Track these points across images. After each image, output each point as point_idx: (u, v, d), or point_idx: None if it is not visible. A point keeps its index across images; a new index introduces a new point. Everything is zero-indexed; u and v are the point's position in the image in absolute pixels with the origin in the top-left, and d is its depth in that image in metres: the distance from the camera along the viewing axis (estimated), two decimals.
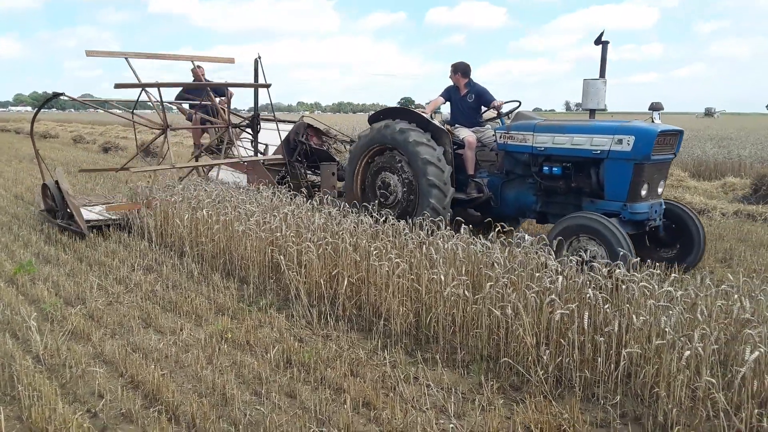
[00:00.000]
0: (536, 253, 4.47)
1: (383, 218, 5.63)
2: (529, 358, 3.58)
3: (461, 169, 6.88)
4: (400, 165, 6.83)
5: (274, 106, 9.73)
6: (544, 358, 3.48)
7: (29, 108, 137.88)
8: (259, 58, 9.02)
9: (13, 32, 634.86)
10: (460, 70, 7.29)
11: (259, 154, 9.34)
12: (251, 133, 9.42)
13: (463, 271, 4.36)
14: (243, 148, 9.49)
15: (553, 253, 4.51)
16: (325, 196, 6.60)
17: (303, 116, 10.28)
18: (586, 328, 3.46)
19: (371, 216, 5.75)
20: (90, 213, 7.57)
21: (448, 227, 5.46)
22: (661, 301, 3.57)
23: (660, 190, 5.84)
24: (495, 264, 4.29)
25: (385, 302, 4.46)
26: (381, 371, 3.72)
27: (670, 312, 3.45)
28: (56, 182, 7.26)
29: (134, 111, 8.48)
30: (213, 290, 5.18)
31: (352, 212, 6.01)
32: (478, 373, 3.69)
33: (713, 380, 3.01)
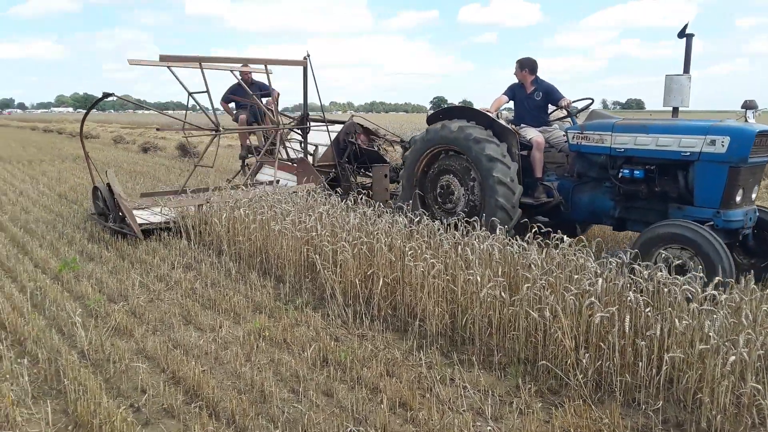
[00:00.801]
0: (575, 254, 4.41)
1: (417, 218, 5.62)
2: (568, 361, 3.54)
3: (528, 171, 6.43)
4: (462, 167, 6.48)
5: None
6: (584, 361, 3.43)
7: (70, 109, 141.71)
8: (308, 56, 8.77)
9: (53, 34, 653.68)
10: (527, 66, 6.89)
11: (308, 156, 9.12)
12: (301, 133, 9.21)
13: (500, 273, 4.32)
14: (291, 150, 9.24)
15: (592, 255, 4.38)
16: (367, 200, 6.43)
17: (353, 115, 9.93)
18: (627, 331, 3.40)
19: (408, 219, 5.71)
20: (141, 216, 7.46)
21: (513, 232, 5.11)
22: (704, 305, 3.49)
23: (753, 195, 5.44)
24: (532, 265, 4.25)
25: (420, 303, 4.46)
26: (417, 372, 3.73)
27: (714, 316, 3.37)
28: (107, 185, 7.22)
29: (185, 113, 8.38)
30: (250, 288, 5.25)
31: (386, 212, 5.99)
32: (516, 376, 3.66)
33: (759, 386, 2.94)
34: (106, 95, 7.36)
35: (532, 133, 6.57)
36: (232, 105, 10.18)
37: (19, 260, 6.07)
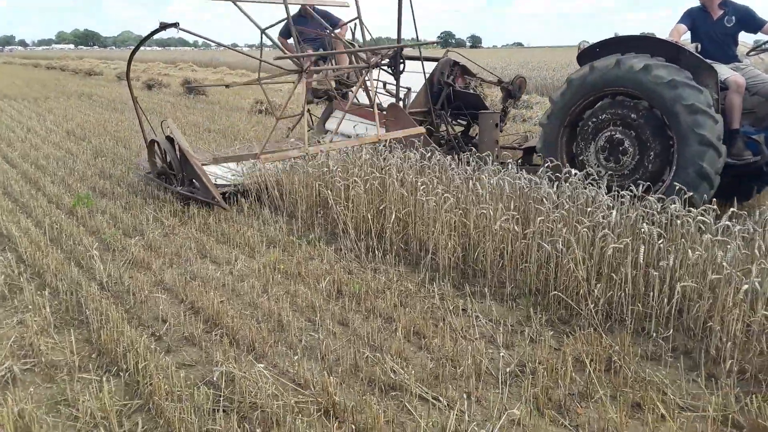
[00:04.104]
0: (585, 188, 4.41)
1: (430, 154, 5.57)
2: (580, 291, 3.59)
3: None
4: (641, 116, 5.04)
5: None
6: (595, 291, 3.48)
7: (71, 45, 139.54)
8: None
9: None
10: None
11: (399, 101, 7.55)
12: (393, 72, 7.57)
13: (512, 207, 4.34)
14: (372, 92, 7.28)
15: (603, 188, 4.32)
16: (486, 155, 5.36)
17: (448, 50, 8.19)
18: (641, 262, 3.43)
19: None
20: (212, 172, 6.29)
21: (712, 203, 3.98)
22: (717, 236, 3.51)
23: None
24: (544, 199, 4.25)
25: (432, 237, 4.50)
26: (429, 303, 3.80)
27: (728, 247, 3.39)
28: (168, 138, 6.01)
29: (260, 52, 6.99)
30: (263, 224, 5.30)
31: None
32: (527, 306, 3.73)
33: None
34: (164, 26, 5.67)
35: (726, 72, 5.15)
36: (291, 40, 8.16)
37: (32, 196, 6.12)
